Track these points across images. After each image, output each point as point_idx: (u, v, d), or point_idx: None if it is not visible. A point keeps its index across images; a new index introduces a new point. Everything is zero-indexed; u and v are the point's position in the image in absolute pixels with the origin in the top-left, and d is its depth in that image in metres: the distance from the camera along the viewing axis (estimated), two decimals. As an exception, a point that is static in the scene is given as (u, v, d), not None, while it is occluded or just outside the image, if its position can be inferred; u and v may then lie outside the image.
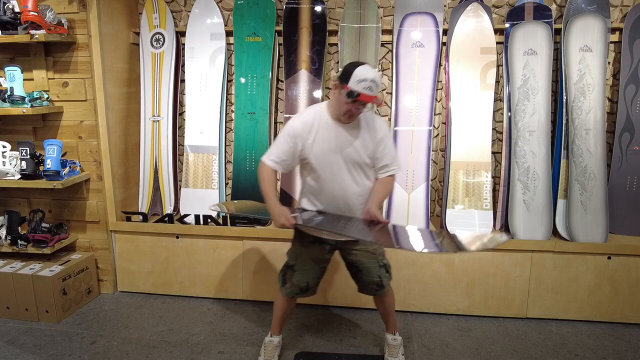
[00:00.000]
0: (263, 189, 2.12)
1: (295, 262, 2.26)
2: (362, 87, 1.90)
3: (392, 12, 3.09)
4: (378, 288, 2.27)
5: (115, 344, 2.60)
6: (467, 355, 2.52)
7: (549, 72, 2.85)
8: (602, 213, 2.79)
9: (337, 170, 2.08)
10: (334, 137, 2.06)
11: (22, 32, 2.71)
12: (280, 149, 2.08)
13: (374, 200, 2.11)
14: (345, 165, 2.08)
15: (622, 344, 2.63)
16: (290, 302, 2.35)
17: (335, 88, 2.00)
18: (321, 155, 2.06)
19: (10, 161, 2.86)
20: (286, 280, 2.28)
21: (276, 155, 2.09)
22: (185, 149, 3.25)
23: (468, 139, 2.92)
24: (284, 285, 2.29)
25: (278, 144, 2.09)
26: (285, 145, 2.07)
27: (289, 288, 2.27)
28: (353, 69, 1.92)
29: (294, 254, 2.27)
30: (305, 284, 2.26)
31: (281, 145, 2.08)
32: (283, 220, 2.03)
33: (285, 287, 2.29)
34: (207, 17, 3.16)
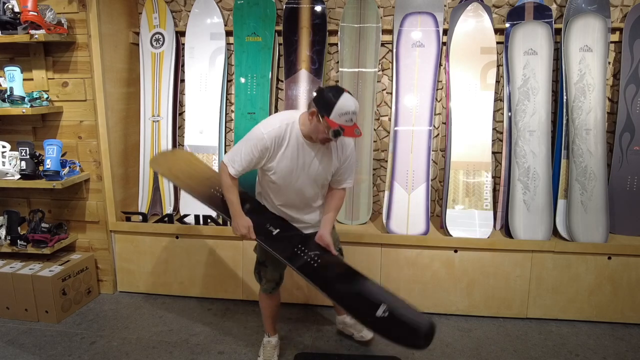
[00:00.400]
0: (228, 197, 2.12)
1: (265, 258, 2.29)
2: (344, 120, 1.88)
3: (392, 12, 3.08)
4: None
5: (115, 344, 2.60)
6: (467, 356, 2.51)
7: (549, 72, 2.85)
8: (602, 213, 2.78)
9: (298, 185, 2.12)
10: (302, 156, 2.06)
11: (21, 32, 2.71)
12: (244, 160, 2.04)
13: (326, 226, 2.19)
14: (307, 181, 2.13)
15: (623, 344, 2.63)
16: (273, 298, 2.38)
17: (313, 115, 1.94)
18: (286, 172, 2.08)
19: (10, 161, 2.86)
20: (262, 277, 2.33)
21: (240, 165, 2.05)
22: (185, 149, 3.24)
23: (468, 139, 2.92)
24: (261, 283, 2.34)
25: (244, 153, 2.03)
26: (250, 156, 2.02)
27: (266, 284, 2.32)
28: (335, 100, 1.87)
29: (261, 250, 2.29)
30: (279, 277, 2.33)
31: (246, 156, 2.03)
32: (245, 231, 2.10)
33: (262, 284, 2.34)
34: (207, 17, 3.16)
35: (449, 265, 2.86)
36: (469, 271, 2.85)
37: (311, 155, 2.07)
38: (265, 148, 2.01)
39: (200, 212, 3.06)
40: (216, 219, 3.04)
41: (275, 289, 2.35)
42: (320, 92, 1.95)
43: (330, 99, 1.87)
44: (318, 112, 1.91)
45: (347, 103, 1.88)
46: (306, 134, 2.03)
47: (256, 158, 2.03)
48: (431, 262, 2.87)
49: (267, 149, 2.01)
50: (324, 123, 1.90)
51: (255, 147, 2.01)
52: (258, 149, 2.01)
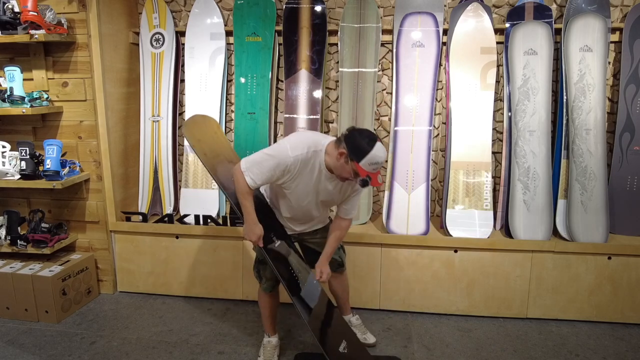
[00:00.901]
0: (243, 202, 2.09)
1: (263, 257, 2.30)
2: (372, 168, 1.90)
3: (392, 12, 3.08)
4: (339, 266, 2.43)
5: (115, 344, 2.60)
6: (468, 356, 2.51)
7: (549, 72, 2.84)
8: (602, 213, 2.78)
9: (308, 205, 2.16)
10: (318, 182, 2.08)
11: (21, 32, 2.71)
12: (265, 175, 2.01)
13: (327, 253, 2.25)
14: (315, 204, 2.17)
15: (623, 344, 2.63)
16: (272, 297, 2.40)
17: (341, 155, 1.94)
18: (300, 194, 2.11)
19: (10, 161, 2.86)
20: (261, 276, 2.35)
21: (259, 179, 2.02)
22: (185, 149, 3.24)
23: (468, 139, 2.92)
24: (261, 281, 2.36)
25: (265, 168, 2.00)
26: (271, 173, 2.01)
27: (265, 283, 2.34)
28: (369, 148, 1.87)
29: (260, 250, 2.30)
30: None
31: (268, 172, 2.00)
32: (255, 239, 2.12)
33: (262, 283, 2.35)
34: (207, 17, 3.16)
35: (449, 265, 2.86)
36: (469, 271, 2.85)
37: (328, 185, 2.10)
38: (287, 170, 2.00)
39: (200, 212, 3.06)
40: (216, 219, 3.04)
41: (275, 288, 2.37)
42: (353, 135, 1.93)
43: (364, 147, 1.88)
44: (348, 154, 1.91)
45: (379, 154, 1.89)
46: (329, 166, 2.03)
47: (276, 176, 2.03)
48: (431, 262, 2.87)
49: (289, 172, 2.01)
50: (352, 166, 1.92)
51: (278, 166, 1.99)
52: (280, 169, 2.00)
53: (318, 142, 2.05)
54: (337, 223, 2.28)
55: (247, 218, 2.12)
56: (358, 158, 1.88)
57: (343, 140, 1.95)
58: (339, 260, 2.42)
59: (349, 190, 2.17)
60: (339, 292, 2.57)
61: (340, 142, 1.96)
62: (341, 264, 2.45)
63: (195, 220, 3.04)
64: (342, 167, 1.96)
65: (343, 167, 1.95)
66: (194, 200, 3.19)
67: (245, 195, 2.07)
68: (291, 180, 2.05)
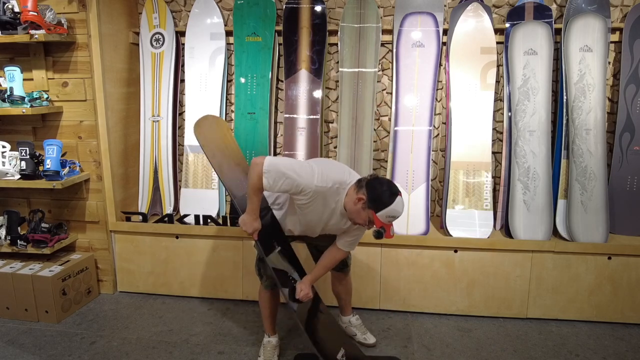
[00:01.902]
0: (252, 196, 2.05)
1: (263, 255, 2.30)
2: (387, 220, 1.91)
3: (392, 12, 3.08)
4: (343, 266, 2.43)
5: (115, 344, 2.60)
6: (468, 356, 2.51)
7: (549, 72, 2.84)
8: (602, 213, 2.78)
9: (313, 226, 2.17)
10: (330, 215, 2.09)
11: (21, 32, 2.71)
12: (281, 186, 1.96)
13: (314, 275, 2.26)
14: (321, 229, 2.19)
15: (623, 344, 2.63)
16: (272, 296, 2.40)
17: (359, 200, 1.94)
18: (310, 216, 2.11)
19: (9, 161, 2.86)
20: (262, 274, 2.35)
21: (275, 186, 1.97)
22: (185, 149, 3.24)
23: (468, 139, 2.92)
24: (262, 279, 2.36)
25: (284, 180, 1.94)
26: (287, 187, 1.97)
27: (266, 281, 2.35)
28: (389, 202, 1.88)
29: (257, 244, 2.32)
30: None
31: (285, 185, 1.96)
32: (250, 231, 2.11)
33: (263, 281, 2.36)
34: (207, 17, 3.16)
35: (449, 265, 2.86)
36: (469, 271, 2.85)
37: (340, 220, 2.11)
38: (305, 194, 1.98)
39: (200, 212, 3.06)
40: (216, 219, 3.04)
41: (276, 286, 2.37)
42: (375, 184, 1.93)
43: (385, 199, 1.89)
44: (367, 202, 1.92)
45: (398, 208, 1.90)
46: (345, 206, 2.03)
47: (292, 192, 2.01)
48: (431, 262, 2.87)
49: (306, 195, 1.99)
50: (369, 214, 1.92)
51: (298, 186, 1.95)
52: (299, 189, 1.97)
53: (344, 180, 2.03)
54: (333, 252, 2.26)
55: (251, 211, 2.10)
56: (377, 209, 1.89)
57: (364, 186, 1.94)
58: (343, 260, 2.41)
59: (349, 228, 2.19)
60: (342, 294, 2.57)
61: (360, 187, 1.95)
62: (346, 264, 2.45)
63: (195, 220, 3.04)
64: (357, 212, 1.96)
65: (359, 212, 1.95)
66: (194, 200, 3.19)
67: (257, 191, 2.04)
68: (306, 203, 2.03)
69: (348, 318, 2.64)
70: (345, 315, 2.65)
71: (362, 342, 2.58)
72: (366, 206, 1.92)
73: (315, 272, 2.29)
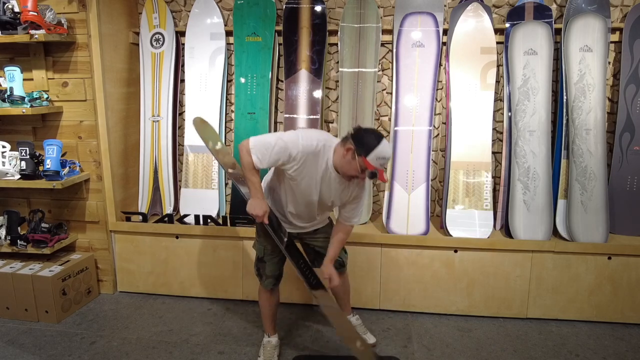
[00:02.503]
0: (249, 177, 2.07)
1: (263, 254, 2.32)
2: (379, 164, 1.93)
3: (392, 12, 3.08)
4: (340, 266, 2.41)
5: (115, 344, 2.60)
6: (468, 356, 2.51)
7: (549, 72, 2.84)
8: (602, 213, 2.78)
9: (310, 200, 2.15)
10: (323, 179, 2.08)
11: (21, 32, 2.71)
12: (272, 158, 2.00)
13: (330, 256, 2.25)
14: (318, 202, 2.16)
15: (623, 344, 2.63)
16: (272, 296, 2.41)
17: (348, 151, 1.96)
18: (304, 187, 2.09)
19: (9, 161, 2.86)
20: (261, 274, 2.36)
21: (265, 159, 2.00)
22: (185, 149, 3.24)
23: (468, 139, 2.92)
24: (262, 279, 2.37)
25: (272, 149, 1.99)
26: (277, 156, 1.99)
27: (266, 280, 2.36)
28: (376, 143, 1.91)
29: (261, 246, 2.32)
30: (278, 272, 2.37)
31: (274, 154, 1.99)
32: (260, 213, 2.07)
33: (263, 281, 2.37)
34: (207, 17, 3.16)
35: (449, 265, 2.86)
36: (469, 271, 2.85)
37: (333, 184, 2.10)
38: (294, 158, 1.99)
39: (200, 212, 3.06)
40: (216, 219, 3.04)
41: (275, 285, 2.39)
42: (360, 132, 1.97)
43: (372, 142, 1.92)
44: (355, 150, 1.93)
45: (386, 149, 1.93)
46: (336, 165, 2.03)
47: (281, 161, 2.02)
48: (431, 262, 2.87)
49: (295, 159, 2.00)
50: (360, 162, 1.93)
51: (285, 150, 1.98)
52: (287, 154, 1.99)
53: (329, 139, 2.08)
54: (339, 227, 2.28)
55: (255, 193, 2.09)
56: (366, 152, 1.91)
57: (350, 137, 1.98)
58: (339, 260, 2.42)
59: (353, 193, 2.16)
60: (340, 293, 2.57)
61: (346, 139, 1.99)
62: (342, 263, 2.45)
63: (195, 220, 3.04)
64: (348, 164, 1.97)
65: (350, 163, 1.97)
66: (194, 200, 3.19)
67: (252, 171, 2.05)
68: (297, 170, 2.03)
69: (348, 318, 2.63)
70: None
71: None
72: (355, 154, 1.94)
73: (331, 251, 2.26)
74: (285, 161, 2.01)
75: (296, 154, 1.99)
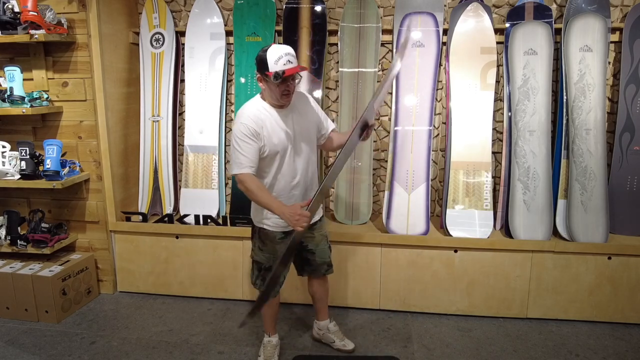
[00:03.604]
0: (260, 199, 2.02)
1: (272, 263, 2.24)
2: (282, 64, 1.95)
3: (392, 12, 3.08)
4: (328, 267, 2.40)
5: (115, 344, 2.60)
6: (468, 356, 2.51)
7: (549, 72, 2.84)
8: (602, 213, 2.78)
9: (296, 154, 2.14)
10: (283, 123, 2.09)
11: (21, 32, 2.71)
12: (248, 153, 2.01)
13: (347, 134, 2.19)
14: (302, 147, 2.15)
15: (623, 344, 2.63)
16: (274, 299, 2.38)
17: (260, 81, 2.04)
18: (280, 144, 2.08)
19: (9, 161, 2.86)
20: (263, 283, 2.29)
21: (249, 161, 2.01)
22: (185, 149, 3.24)
23: (468, 139, 2.92)
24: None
25: (243, 150, 2.00)
26: (249, 146, 2.01)
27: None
28: (264, 54, 1.96)
29: (269, 254, 2.25)
30: (283, 279, 2.33)
31: (248, 150, 2.01)
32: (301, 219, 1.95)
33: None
34: (207, 17, 3.16)
35: (449, 265, 2.86)
36: (469, 271, 2.85)
37: (290, 118, 2.11)
38: (254, 133, 2.02)
39: (200, 212, 3.06)
40: (216, 219, 3.04)
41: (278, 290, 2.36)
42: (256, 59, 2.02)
43: (262, 56, 1.98)
44: (261, 74, 2.01)
45: (275, 49, 1.97)
46: (273, 103, 2.08)
47: (255, 146, 2.03)
48: (431, 262, 2.87)
49: (256, 132, 2.03)
50: (269, 78, 1.97)
51: (246, 137, 2.01)
52: (250, 138, 2.01)
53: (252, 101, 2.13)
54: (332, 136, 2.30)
55: (277, 208, 2.00)
56: (265, 68, 1.96)
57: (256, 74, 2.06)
58: (328, 260, 2.39)
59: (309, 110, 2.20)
60: (322, 296, 2.51)
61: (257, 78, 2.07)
62: (330, 264, 2.41)
63: (195, 220, 3.04)
64: (270, 90, 2.03)
65: (270, 89, 2.02)
66: (194, 200, 3.19)
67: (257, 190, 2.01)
68: (265, 139, 2.04)
69: (325, 324, 2.56)
70: (321, 320, 2.56)
71: (340, 348, 2.52)
72: (264, 78, 2.00)
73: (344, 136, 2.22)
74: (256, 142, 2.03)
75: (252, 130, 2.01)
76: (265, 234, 2.22)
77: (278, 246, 2.22)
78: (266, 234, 2.22)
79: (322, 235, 2.35)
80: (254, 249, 2.31)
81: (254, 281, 2.34)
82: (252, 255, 2.32)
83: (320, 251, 2.34)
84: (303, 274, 2.44)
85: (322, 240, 2.35)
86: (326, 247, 2.38)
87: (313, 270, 2.39)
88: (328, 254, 2.39)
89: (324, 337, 2.58)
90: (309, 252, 2.34)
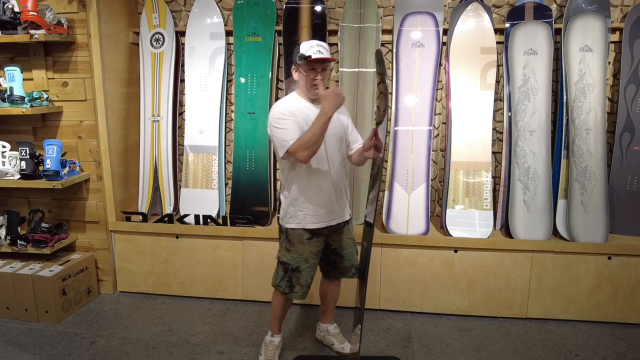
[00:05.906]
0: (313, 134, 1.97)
1: (299, 263, 2.21)
2: (312, 51, 2.03)
3: (392, 12, 3.08)
4: (355, 271, 2.38)
5: (115, 344, 2.60)
6: (468, 356, 2.51)
7: (549, 72, 2.84)
8: (602, 213, 2.78)
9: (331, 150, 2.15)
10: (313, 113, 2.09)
11: (21, 32, 2.71)
12: (288, 127, 2.03)
13: None
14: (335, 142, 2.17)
15: (622, 344, 2.63)
16: (289, 300, 2.36)
17: (295, 71, 2.12)
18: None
19: (9, 161, 2.86)
20: (294, 284, 2.24)
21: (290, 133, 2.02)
22: (185, 149, 3.24)
23: (468, 139, 2.92)
24: (293, 290, 2.25)
25: (282, 126, 2.03)
26: (288, 121, 2.04)
27: (299, 290, 2.25)
28: (298, 46, 2.08)
29: (297, 255, 2.21)
30: (311, 280, 2.29)
31: (286, 124, 2.03)
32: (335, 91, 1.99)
33: (295, 292, 2.25)
34: (207, 17, 3.16)
35: (449, 265, 2.86)
36: (469, 271, 2.85)
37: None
38: (290, 112, 2.07)
39: (200, 212, 3.06)
40: (216, 219, 3.04)
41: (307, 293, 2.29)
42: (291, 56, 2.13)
43: (296, 49, 2.09)
44: (296, 64, 2.10)
45: (310, 41, 2.08)
46: (306, 96, 2.14)
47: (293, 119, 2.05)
48: (431, 262, 2.87)
49: (292, 114, 2.07)
50: (302, 68, 2.08)
51: (282, 116, 2.05)
52: (286, 115, 2.06)
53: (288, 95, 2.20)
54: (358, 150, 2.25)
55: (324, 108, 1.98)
56: (299, 58, 2.05)
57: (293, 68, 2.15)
58: (355, 264, 2.36)
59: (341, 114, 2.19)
60: (332, 300, 2.51)
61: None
62: (357, 267, 2.36)
63: (195, 220, 3.04)
64: (303, 80, 2.11)
65: (304, 79, 2.10)
66: (193, 200, 3.19)
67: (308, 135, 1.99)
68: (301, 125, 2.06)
69: (326, 326, 2.57)
70: (324, 323, 2.57)
71: (340, 351, 2.51)
72: (298, 67, 2.09)
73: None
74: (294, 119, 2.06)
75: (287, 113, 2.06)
76: (293, 234, 2.21)
77: (306, 247, 2.21)
78: (294, 234, 2.21)
79: (349, 239, 2.34)
80: (281, 250, 2.28)
81: (277, 283, 2.28)
82: (279, 257, 2.29)
83: (348, 254, 2.34)
84: (329, 277, 2.44)
85: (349, 244, 2.34)
86: (354, 250, 2.36)
87: (340, 273, 2.39)
88: (356, 257, 2.37)
89: (324, 339, 2.59)
90: (337, 255, 2.33)
